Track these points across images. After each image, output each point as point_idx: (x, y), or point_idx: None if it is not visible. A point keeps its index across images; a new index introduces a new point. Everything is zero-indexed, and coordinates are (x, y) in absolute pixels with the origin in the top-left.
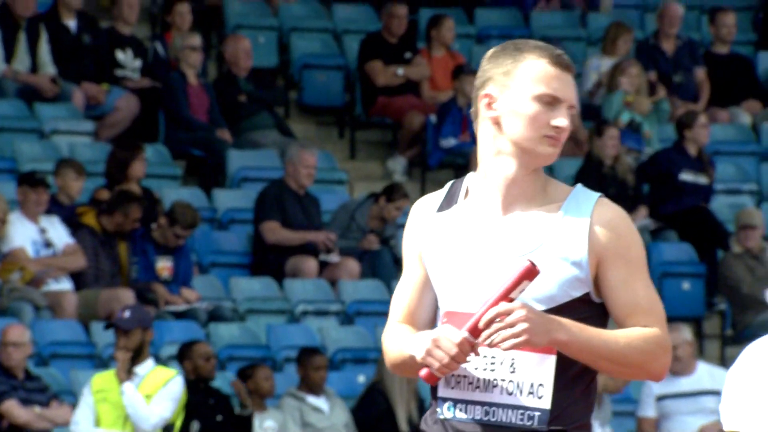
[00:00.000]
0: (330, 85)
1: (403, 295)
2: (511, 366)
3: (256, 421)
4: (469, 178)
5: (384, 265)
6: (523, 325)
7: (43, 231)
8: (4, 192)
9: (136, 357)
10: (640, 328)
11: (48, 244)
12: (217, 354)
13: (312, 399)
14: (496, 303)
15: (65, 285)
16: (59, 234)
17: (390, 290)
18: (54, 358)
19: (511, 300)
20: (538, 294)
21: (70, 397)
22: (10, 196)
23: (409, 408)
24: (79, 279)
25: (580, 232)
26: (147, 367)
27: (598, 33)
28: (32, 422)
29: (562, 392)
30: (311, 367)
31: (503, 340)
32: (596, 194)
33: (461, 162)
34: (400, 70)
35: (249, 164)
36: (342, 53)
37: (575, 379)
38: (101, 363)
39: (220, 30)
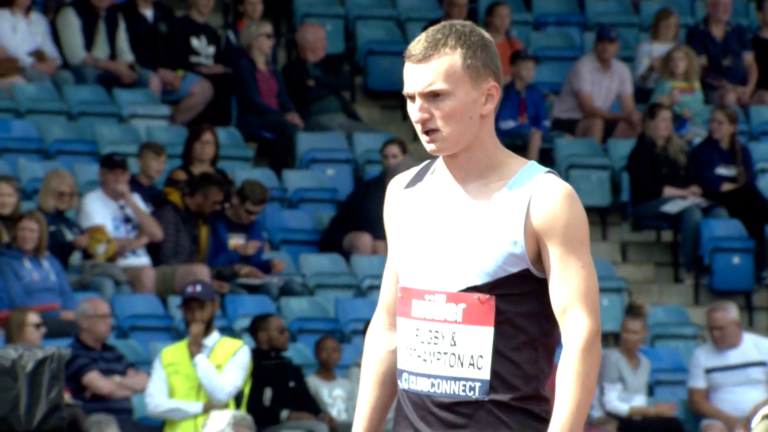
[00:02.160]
0: (394, 71)
1: (387, 278)
2: (452, 339)
3: (325, 390)
4: (439, 160)
5: None
6: None
7: (122, 208)
8: (86, 173)
9: (206, 329)
10: (571, 343)
11: (127, 220)
12: (288, 327)
13: None
14: None
15: (144, 260)
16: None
17: None
18: (133, 330)
19: None
20: (476, 270)
21: (147, 367)
22: (92, 177)
23: None
24: (156, 255)
25: (518, 209)
26: (214, 338)
27: (650, 19)
28: (114, 391)
29: (501, 363)
30: None
31: None
32: (542, 170)
33: (519, 143)
34: None
35: (317, 146)
36: (405, 40)
37: (516, 350)
38: (178, 335)
39: (289, 18)
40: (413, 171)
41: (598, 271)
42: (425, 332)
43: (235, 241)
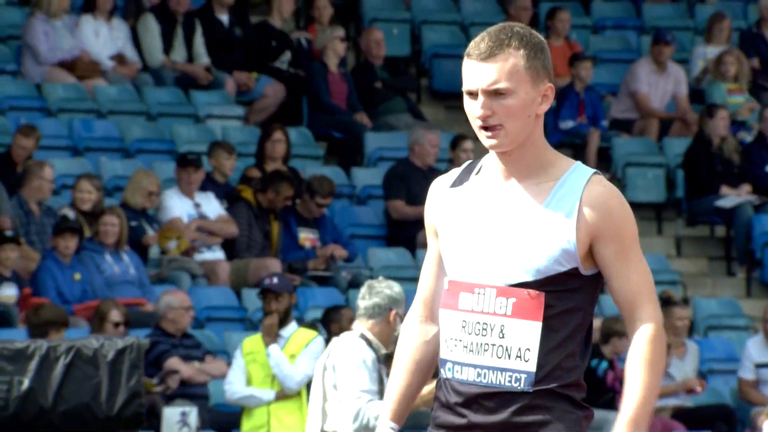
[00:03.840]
0: (457, 73)
1: (426, 272)
2: (501, 332)
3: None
4: (486, 158)
5: None
6: None
7: (197, 205)
8: (163, 170)
9: (283, 320)
10: (642, 335)
11: (202, 217)
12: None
13: None
14: None
15: (219, 255)
16: (213, 207)
17: None
18: (209, 321)
19: None
20: (528, 267)
21: (224, 355)
22: (169, 175)
23: None
24: (231, 249)
25: (569, 210)
26: (291, 329)
27: (704, 23)
28: (194, 376)
29: (547, 356)
30: None
31: None
32: (590, 171)
33: (579, 142)
34: None
35: (384, 145)
36: (468, 43)
37: (561, 344)
38: (251, 326)
39: (358, 23)
40: (456, 172)
41: (653, 264)
42: (472, 324)
43: (305, 235)
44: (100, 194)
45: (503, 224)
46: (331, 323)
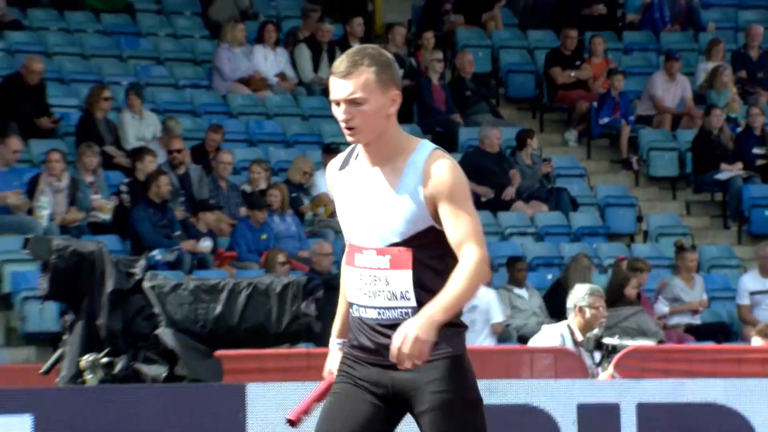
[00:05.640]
0: (526, 84)
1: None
2: (386, 281)
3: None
4: (359, 146)
5: (563, 201)
6: (417, 345)
7: None
8: (314, 157)
9: None
10: (464, 261)
11: None
12: None
13: (517, 290)
14: (309, 403)
15: None
16: None
17: (567, 219)
18: None
19: (321, 400)
20: (394, 230)
21: None
22: (318, 160)
23: None
24: None
25: (416, 183)
26: None
27: (705, 46)
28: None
29: (422, 293)
30: (516, 269)
31: (417, 360)
32: (430, 149)
33: (614, 133)
34: (572, 73)
35: (472, 137)
36: (534, 62)
37: (430, 281)
38: None
39: (453, 48)
40: (342, 156)
41: (670, 221)
42: (366, 276)
43: None
44: (268, 174)
45: (373, 200)
46: None
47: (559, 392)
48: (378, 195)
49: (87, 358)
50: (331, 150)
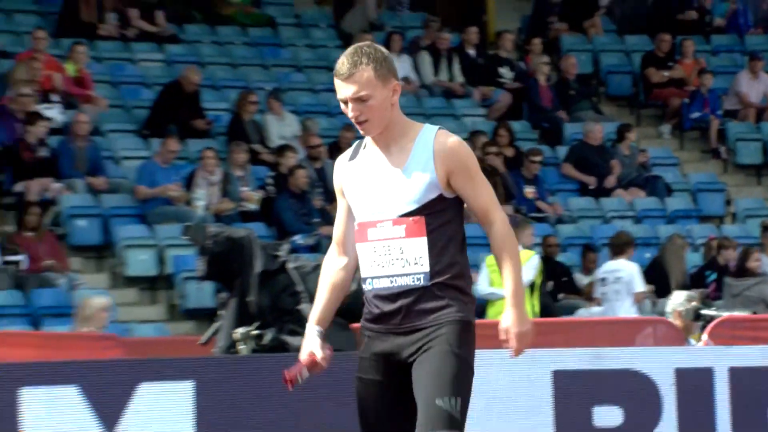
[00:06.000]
0: (624, 83)
1: (338, 221)
2: (400, 249)
3: (585, 281)
4: (367, 138)
5: (658, 187)
6: (524, 339)
7: None
8: None
9: None
10: (499, 233)
11: None
12: (561, 243)
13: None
14: (300, 368)
15: None
16: None
17: (663, 204)
18: (469, 246)
19: (312, 369)
20: (407, 200)
21: (474, 268)
22: None
23: (677, 272)
24: None
25: (428, 156)
26: None
27: None
28: None
29: (435, 259)
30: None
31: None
32: (435, 128)
33: (704, 126)
34: (666, 73)
35: (576, 131)
36: (631, 64)
37: (443, 248)
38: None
39: (558, 53)
40: (350, 150)
41: (756, 205)
42: (380, 248)
43: (528, 189)
44: None
45: (386, 177)
46: (544, 246)
47: (659, 358)
48: (390, 171)
49: (240, 331)
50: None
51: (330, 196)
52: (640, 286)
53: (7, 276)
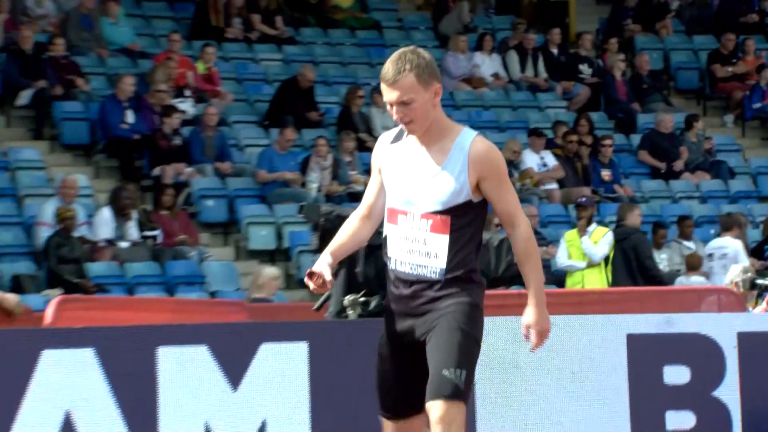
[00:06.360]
0: (692, 78)
1: (369, 191)
2: (424, 242)
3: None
4: None
5: (722, 171)
6: (544, 334)
7: (542, 158)
8: (521, 138)
9: (589, 221)
10: (521, 236)
11: (545, 165)
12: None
13: (685, 243)
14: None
15: (553, 185)
16: (550, 160)
17: (726, 185)
18: (549, 224)
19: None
20: (437, 200)
21: (555, 243)
22: (524, 141)
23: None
24: (561, 181)
25: (463, 162)
26: (593, 227)
27: None
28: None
29: (452, 255)
30: (684, 226)
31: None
32: (474, 134)
33: (763, 115)
34: (729, 68)
35: (648, 121)
36: (698, 60)
37: (462, 247)
38: (572, 226)
39: (633, 51)
40: (394, 131)
41: None
42: (408, 235)
43: (604, 173)
44: None
45: (423, 173)
46: (620, 220)
47: (722, 323)
48: (427, 169)
49: (349, 298)
50: (535, 133)
51: None
52: (745, 261)
53: (145, 249)
